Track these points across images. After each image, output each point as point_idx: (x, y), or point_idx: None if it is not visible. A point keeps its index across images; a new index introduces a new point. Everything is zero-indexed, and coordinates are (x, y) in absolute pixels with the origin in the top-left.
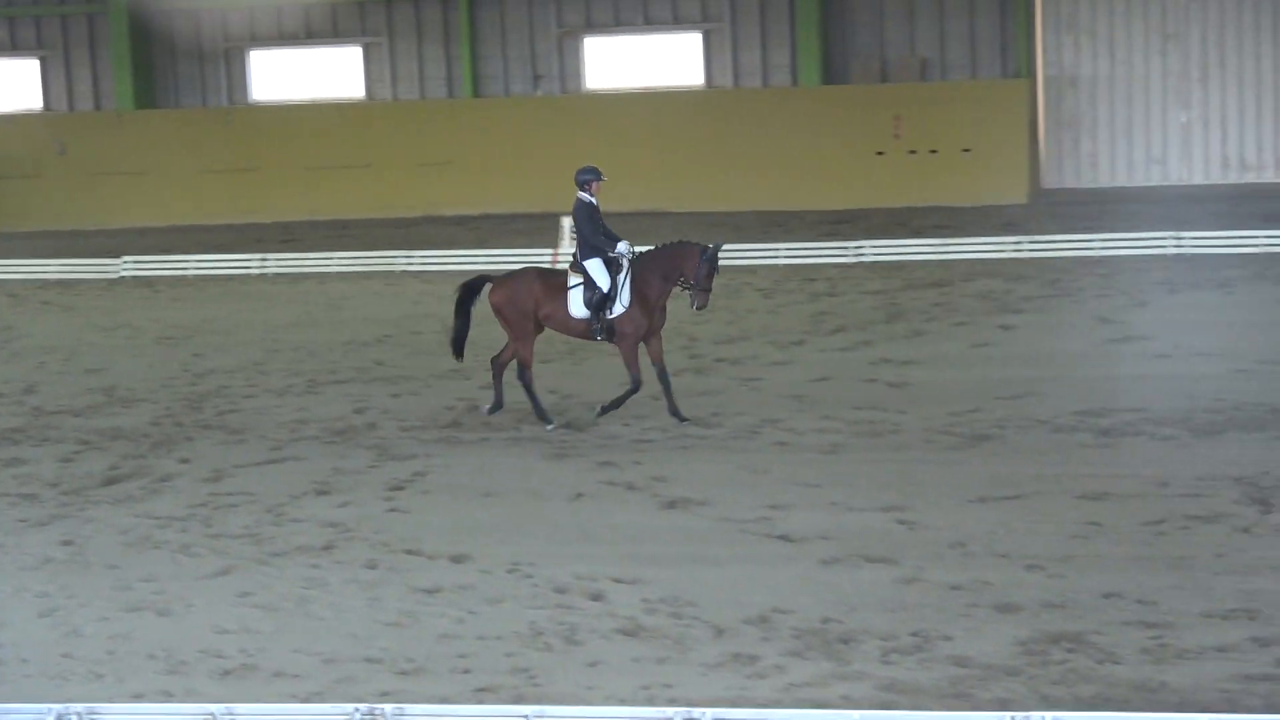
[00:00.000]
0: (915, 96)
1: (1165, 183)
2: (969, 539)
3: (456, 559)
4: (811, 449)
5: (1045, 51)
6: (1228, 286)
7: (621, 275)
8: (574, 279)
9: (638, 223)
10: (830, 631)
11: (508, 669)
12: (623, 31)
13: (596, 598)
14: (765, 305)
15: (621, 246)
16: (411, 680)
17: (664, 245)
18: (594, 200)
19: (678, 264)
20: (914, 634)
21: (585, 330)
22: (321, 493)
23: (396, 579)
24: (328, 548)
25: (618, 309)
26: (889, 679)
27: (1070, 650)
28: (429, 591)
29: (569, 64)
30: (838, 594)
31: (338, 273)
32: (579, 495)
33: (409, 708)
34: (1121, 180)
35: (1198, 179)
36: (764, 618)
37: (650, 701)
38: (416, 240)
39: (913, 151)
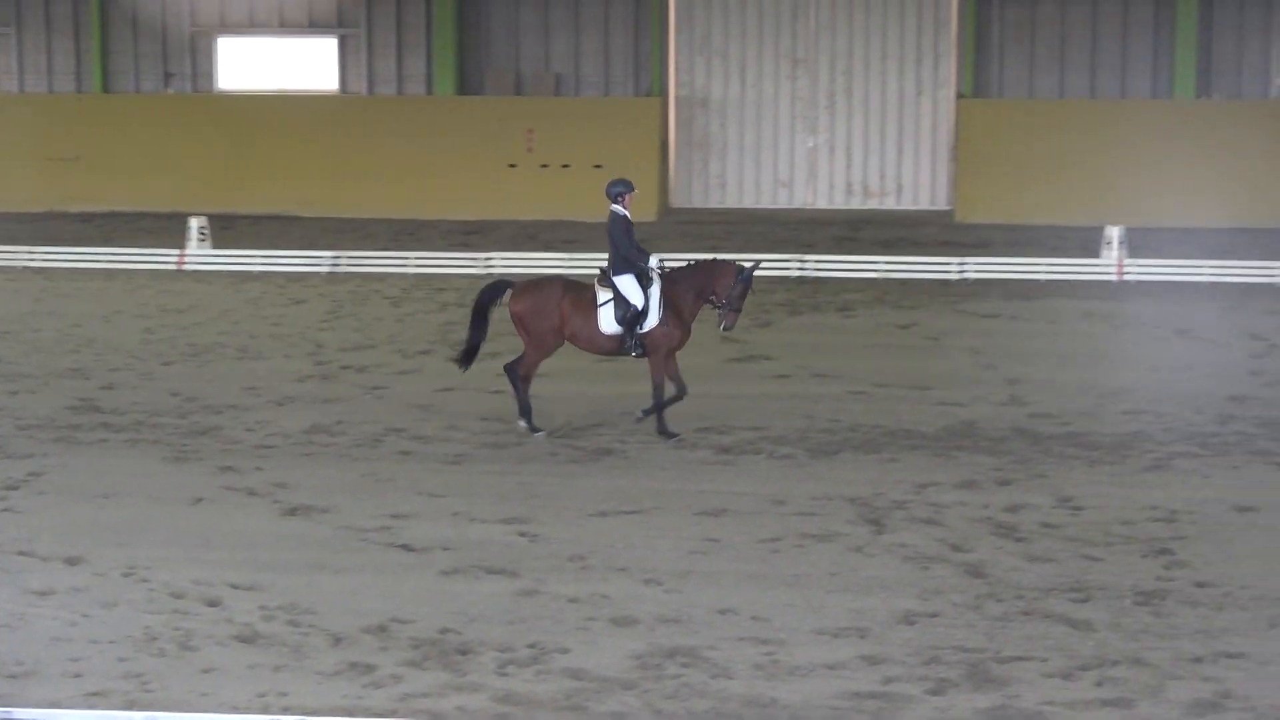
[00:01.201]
0: (549, 111)
1: (791, 206)
2: (589, 552)
3: (71, 561)
4: (435, 459)
5: (678, 72)
6: (848, 310)
7: (652, 289)
8: (603, 295)
9: (268, 226)
10: (448, 642)
11: (120, 674)
12: (257, 33)
13: (213, 604)
14: (393, 314)
15: (651, 261)
16: (20, 684)
17: (698, 261)
18: (628, 213)
19: (712, 282)
20: (531, 646)
21: (615, 347)
22: None
23: (7, 580)
24: None
25: (650, 323)
26: (505, 690)
27: (685, 665)
28: (41, 594)
29: (201, 63)
30: (457, 605)
31: None
32: (199, 500)
33: (17, 712)
34: (749, 202)
35: (822, 203)
36: (383, 627)
37: (265, 710)
38: (41, 236)
39: (545, 165)
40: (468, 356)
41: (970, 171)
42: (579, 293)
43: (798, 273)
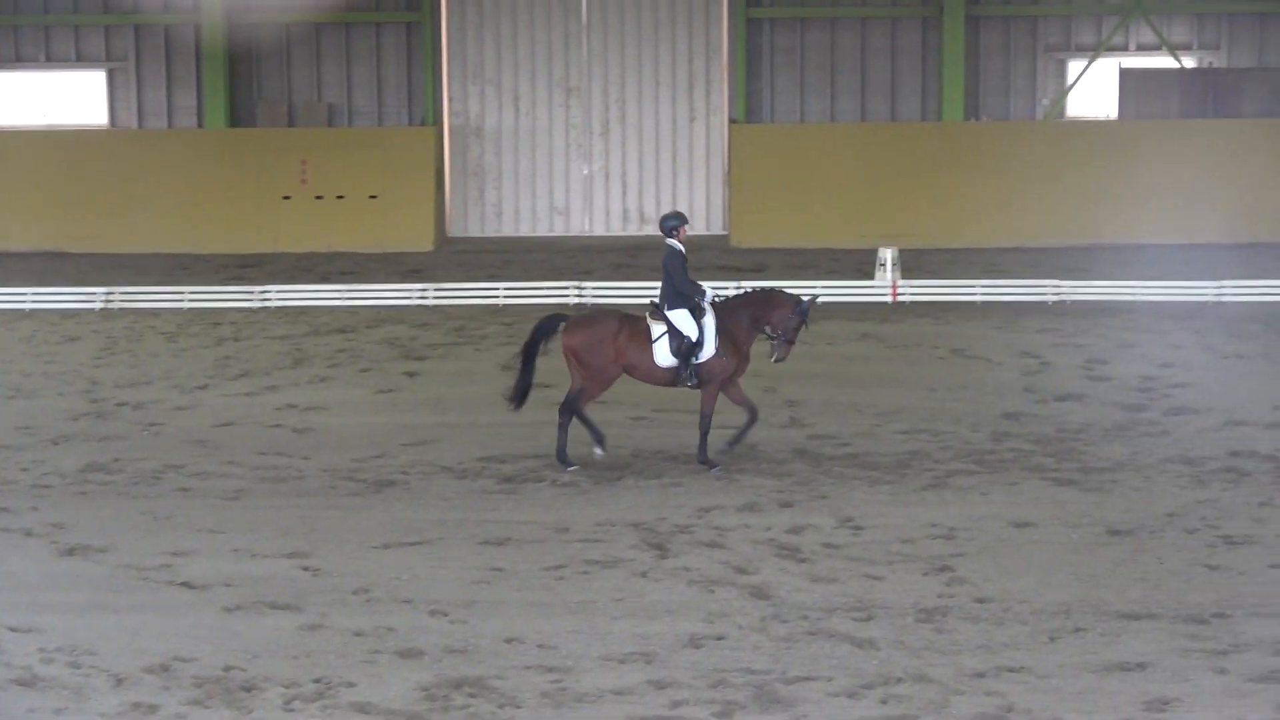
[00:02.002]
0: (322, 142)
1: (568, 233)
2: (373, 585)
3: None
4: (214, 495)
5: (451, 101)
6: None
7: (706, 320)
8: (657, 329)
9: (38, 263)
10: (232, 679)
11: None
12: (24, 68)
13: None
14: (169, 349)
15: (708, 294)
16: None
17: (753, 291)
18: (682, 247)
19: (767, 312)
20: (317, 681)
21: (671, 379)
22: None
23: None
24: None
25: (706, 354)
26: None
27: (472, 695)
28: None
29: None
30: (240, 641)
31: None
32: None
33: None
34: (526, 230)
35: (599, 230)
36: (165, 666)
37: None
38: None
39: (319, 197)
40: (521, 395)
41: (744, 196)
42: (634, 325)
43: (576, 299)
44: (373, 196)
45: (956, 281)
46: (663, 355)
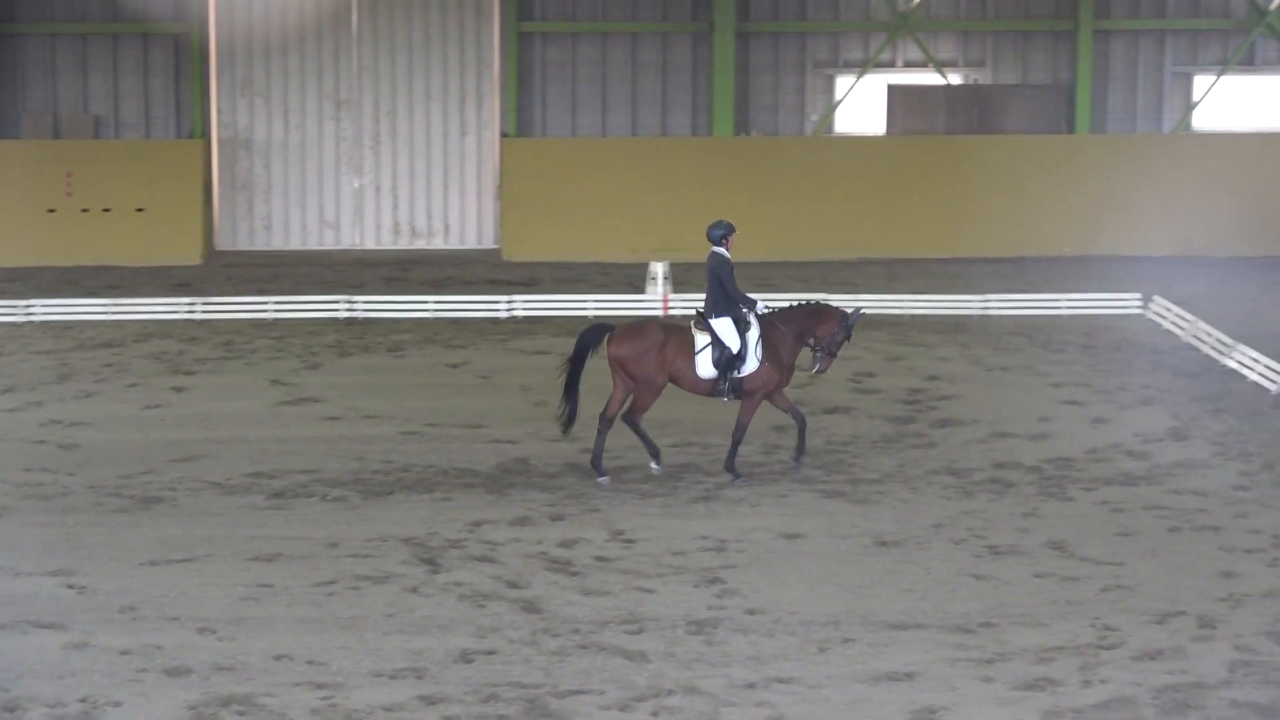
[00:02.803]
0: (88, 154)
1: (338, 247)
2: (140, 603)
3: None
4: None
5: (220, 113)
6: (398, 350)
7: (751, 334)
8: (701, 339)
9: None
10: None
11: None
12: None
13: None
14: None
15: (759, 306)
16: None
17: (800, 305)
18: (729, 255)
19: (814, 326)
20: (83, 700)
21: (710, 389)
22: None
23: None
24: None
25: (747, 368)
26: None
27: (240, 713)
28: None
29: None
30: (3, 661)
31: None
32: None
33: None
34: (295, 243)
35: (370, 244)
36: None
37: None
38: None
39: (85, 210)
40: (571, 420)
41: (516, 210)
42: (679, 335)
43: (347, 314)
44: (140, 209)
45: None
46: (705, 367)
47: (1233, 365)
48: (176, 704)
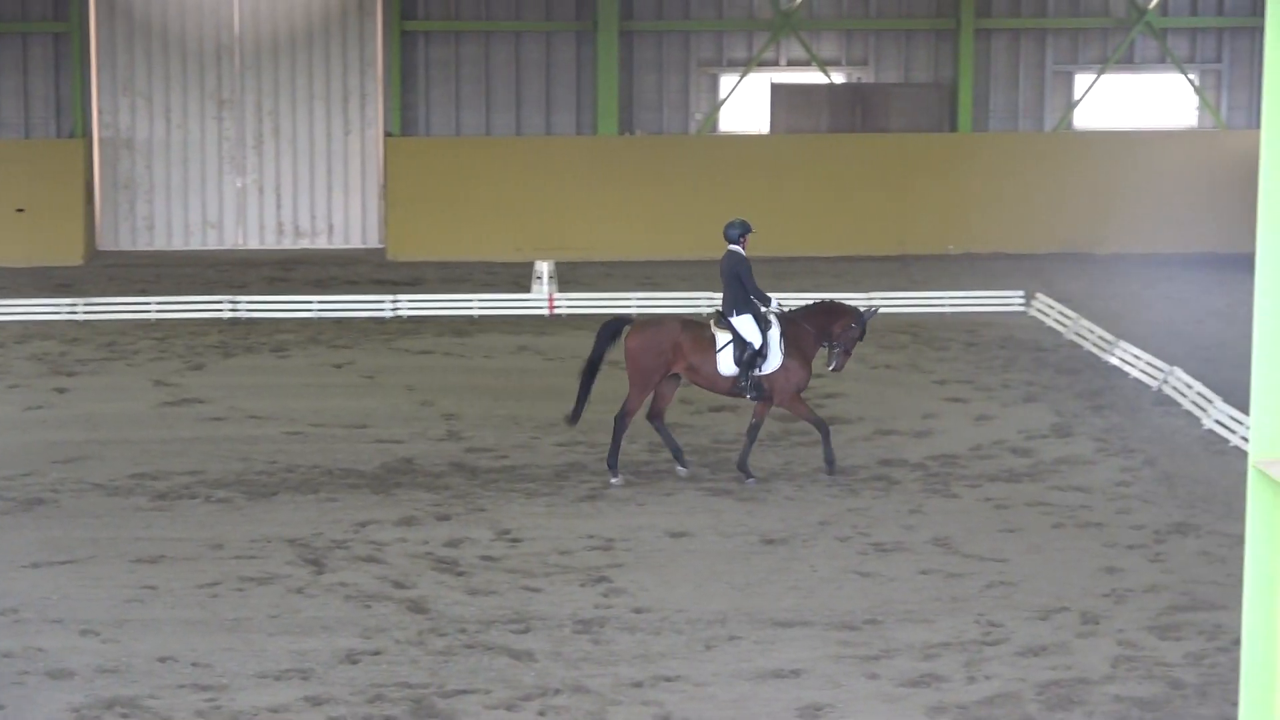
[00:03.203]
0: None
1: (221, 247)
2: (22, 605)
3: None
4: None
5: (101, 113)
6: (282, 350)
7: (772, 331)
8: (722, 337)
9: None
10: None
11: None
12: None
13: None
14: None
15: (774, 304)
16: None
17: (819, 302)
18: (745, 253)
19: (832, 322)
20: None
21: (731, 387)
22: None
23: None
24: None
25: (769, 366)
26: None
27: (125, 716)
28: None
29: None
30: None
31: None
32: None
33: None
34: (178, 244)
35: (254, 244)
36: None
37: None
38: None
39: None
40: (579, 413)
41: (400, 209)
42: (697, 331)
43: (230, 314)
44: (20, 210)
45: (612, 294)
46: (726, 364)
47: (1114, 362)
48: (60, 707)
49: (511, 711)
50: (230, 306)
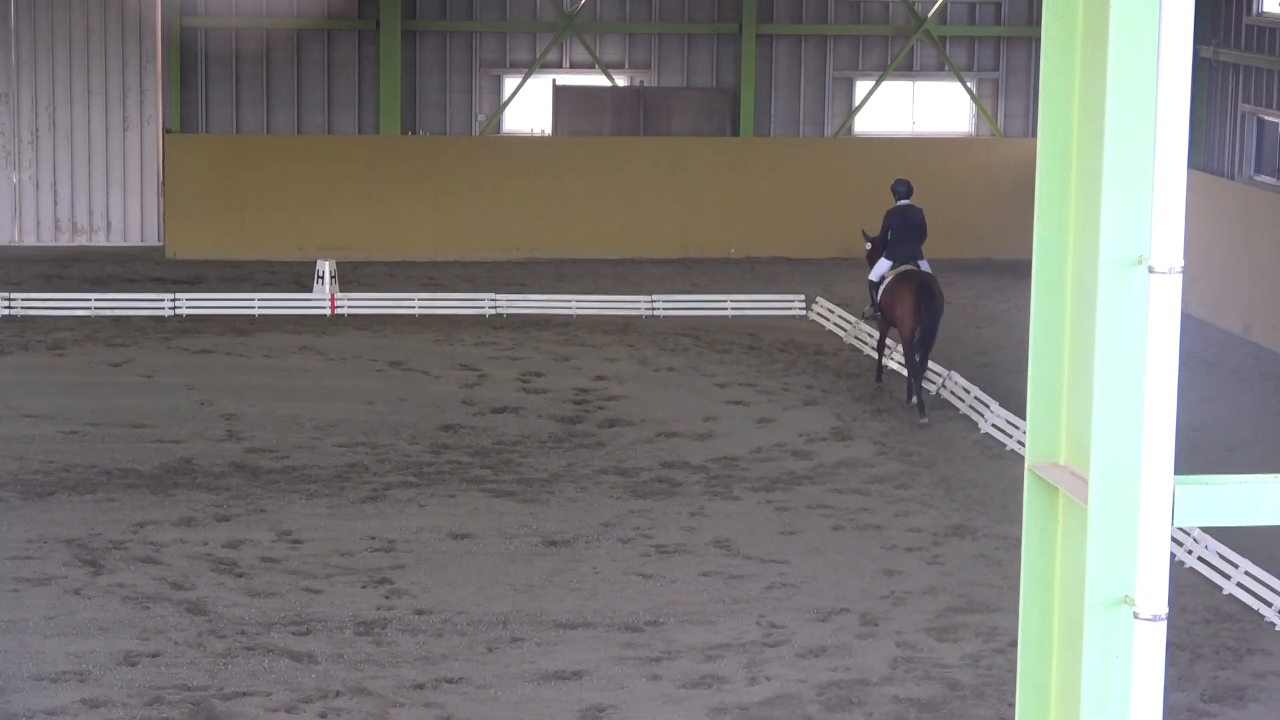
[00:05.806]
0: None
1: None
2: None
3: None
4: None
5: None
6: (59, 349)
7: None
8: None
9: None
10: None
11: None
12: None
13: None
14: None
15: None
16: None
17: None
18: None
19: None
20: None
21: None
22: None
23: None
24: None
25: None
26: None
27: None
28: None
29: None
30: None
31: None
32: None
33: None
34: None
35: (29, 240)
36: None
37: None
38: None
39: None
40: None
41: (179, 207)
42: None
43: (5, 311)
44: None
45: (395, 294)
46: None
47: (893, 366)
48: None
49: (292, 714)
50: (5, 304)
